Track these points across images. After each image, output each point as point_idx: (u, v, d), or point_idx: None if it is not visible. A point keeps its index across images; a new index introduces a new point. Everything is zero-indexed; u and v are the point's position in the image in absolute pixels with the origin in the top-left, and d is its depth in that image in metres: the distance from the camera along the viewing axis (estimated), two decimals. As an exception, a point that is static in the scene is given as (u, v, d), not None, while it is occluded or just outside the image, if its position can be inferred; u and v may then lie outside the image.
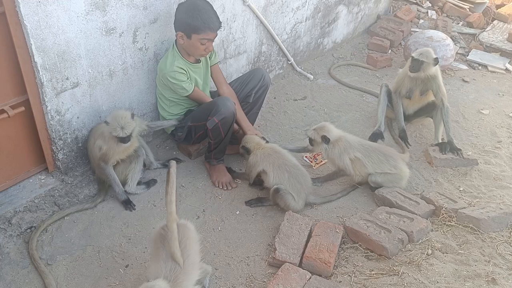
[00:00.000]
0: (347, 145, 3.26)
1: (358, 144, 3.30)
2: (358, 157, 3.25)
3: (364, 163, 3.26)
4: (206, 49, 3.14)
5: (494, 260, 2.71)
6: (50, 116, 2.86)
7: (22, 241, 2.79)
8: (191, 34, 3.04)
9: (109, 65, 3.04)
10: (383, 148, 3.41)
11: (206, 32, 3.03)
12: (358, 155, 3.25)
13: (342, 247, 2.90)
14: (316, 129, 3.28)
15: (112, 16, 2.90)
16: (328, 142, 3.24)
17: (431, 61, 3.74)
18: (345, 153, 3.25)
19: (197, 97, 3.29)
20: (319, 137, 3.25)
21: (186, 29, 3.05)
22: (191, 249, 2.27)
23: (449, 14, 6.28)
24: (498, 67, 5.31)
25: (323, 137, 3.23)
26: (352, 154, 3.25)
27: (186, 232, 2.32)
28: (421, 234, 2.90)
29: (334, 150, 3.26)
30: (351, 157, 3.25)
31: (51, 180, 3.07)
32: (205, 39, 3.06)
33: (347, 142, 3.27)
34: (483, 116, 4.42)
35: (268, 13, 4.17)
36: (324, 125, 3.32)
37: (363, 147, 3.30)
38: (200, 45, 3.09)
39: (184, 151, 3.60)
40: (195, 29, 3.01)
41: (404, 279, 2.58)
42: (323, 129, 3.27)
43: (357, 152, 3.26)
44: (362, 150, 3.27)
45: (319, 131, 3.26)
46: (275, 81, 4.60)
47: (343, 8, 5.12)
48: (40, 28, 2.56)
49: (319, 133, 3.25)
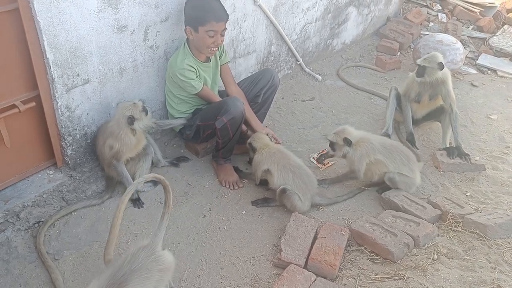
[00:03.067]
0: (369, 147, 3.24)
1: (380, 145, 3.28)
2: (380, 159, 3.24)
3: (386, 163, 3.24)
4: (215, 42, 3.11)
5: (500, 267, 2.70)
6: (60, 112, 2.88)
7: (30, 236, 2.81)
8: (197, 27, 3.04)
9: (119, 62, 3.05)
10: (406, 150, 3.38)
11: (211, 23, 3.01)
12: (380, 157, 3.24)
13: (347, 249, 2.90)
14: (337, 133, 3.28)
15: (124, 14, 2.91)
16: (350, 144, 3.24)
17: (434, 65, 3.73)
18: (366, 156, 3.24)
19: (206, 95, 3.29)
20: (341, 140, 3.25)
21: (192, 23, 3.06)
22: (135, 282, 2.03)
23: (459, 17, 6.25)
24: (508, 72, 5.28)
25: (345, 139, 3.23)
26: (372, 157, 3.24)
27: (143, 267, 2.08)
28: (427, 239, 2.89)
29: (356, 152, 3.26)
30: (371, 160, 3.24)
31: (60, 175, 3.09)
32: (211, 31, 3.04)
33: (369, 144, 3.25)
34: (492, 121, 4.40)
35: (278, 13, 4.17)
36: (344, 128, 3.32)
37: (386, 148, 3.27)
38: (207, 38, 3.07)
39: (191, 149, 3.61)
40: (200, 21, 3.01)
41: (409, 284, 2.58)
42: (344, 132, 3.27)
43: (378, 154, 3.24)
44: (384, 152, 3.25)
45: (340, 134, 3.26)
46: (283, 81, 4.60)
47: (353, 9, 5.11)
48: (52, 24, 2.58)
49: (341, 136, 3.25)
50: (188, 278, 2.68)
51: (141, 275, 2.05)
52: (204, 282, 2.67)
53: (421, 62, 3.79)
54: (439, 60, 3.73)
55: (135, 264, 2.07)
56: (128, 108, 2.98)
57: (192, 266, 2.76)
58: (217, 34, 3.08)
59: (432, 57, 3.78)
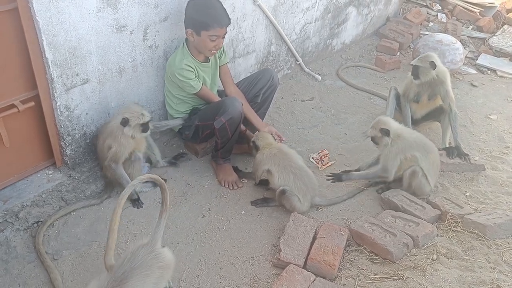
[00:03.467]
0: (406, 144, 3.19)
1: (414, 140, 3.23)
2: (416, 156, 3.20)
3: (419, 161, 3.20)
4: (216, 46, 3.13)
5: (499, 267, 2.70)
6: (59, 111, 2.88)
7: (28, 235, 2.81)
8: (200, 31, 3.05)
9: (119, 62, 3.05)
10: (438, 153, 3.36)
11: (215, 28, 3.03)
12: (417, 154, 3.20)
13: (347, 249, 2.90)
14: (373, 126, 3.25)
15: (123, 14, 2.91)
16: (388, 133, 3.18)
17: (426, 64, 3.71)
18: (401, 153, 3.19)
19: (205, 95, 3.29)
20: (378, 132, 3.21)
21: (195, 26, 3.05)
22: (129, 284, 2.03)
23: (459, 17, 6.25)
24: (507, 72, 5.28)
25: (381, 130, 3.19)
26: (408, 154, 3.20)
27: (143, 264, 2.09)
28: (427, 239, 2.89)
29: (393, 148, 3.20)
30: (407, 156, 3.19)
31: (59, 175, 3.09)
32: (214, 36, 3.06)
33: (406, 140, 3.20)
34: (491, 121, 4.40)
35: (278, 13, 4.16)
36: (379, 119, 3.29)
37: (418, 144, 3.24)
38: (209, 42, 3.09)
39: (191, 149, 3.61)
40: (204, 25, 3.02)
41: (409, 284, 2.58)
42: (379, 122, 3.23)
43: (415, 151, 3.20)
44: (421, 150, 3.22)
45: (375, 126, 3.22)
46: (283, 81, 4.60)
47: (353, 9, 5.10)
48: (52, 24, 2.58)
49: (376, 128, 3.21)
50: (187, 278, 2.68)
51: (141, 272, 2.06)
52: (203, 282, 2.67)
53: (414, 62, 3.81)
54: (430, 59, 3.71)
55: (135, 261, 2.08)
56: (131, 112, 2.94)
57: (191, 266, 2.76)
58: (219, 38, 3.09)
59: (425, 57, 3.78)
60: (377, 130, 3.22)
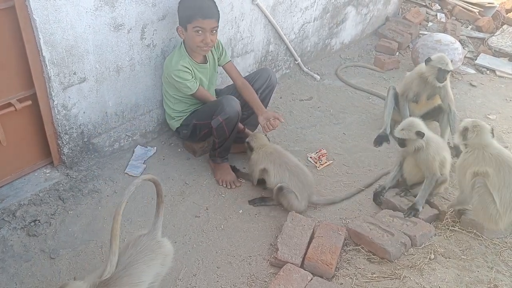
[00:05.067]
0: (438, 146, 3.14)
1: (442, 144, 3.24)
2: (446, 158, 3.16)
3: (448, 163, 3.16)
4: (204, 41, 3.05)
5: (497, 266, 2.70)
6: (56, 110, 2.87)
7: (25, 234, 2.80)
8: (186, 26, 3.03)
9: (116, 61, 3.05)
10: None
11: (197, 20, 2.97)
12: (446, 155, 3.17)
13: (344, 249, 2.90)
14: (406, 128, 3.10)
15: (121, 12, 2.91)
16: (423, 136, 3.07)
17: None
18: (437, 154, 3.11)
19: (202, 96, 3.28)
20: (413, 134, 3.08)
21: (182, 22, 3.05)
22: (135, 267, 2.10)
23: (458, 17, 6.25)
24: (507, 72, 5.28)
25: (417, 132, 3.07)
26: (442, 154, 3.14)
27: (147, 249, 2.16)
28: (424, 238, 2.89)
29: (429, 150, 3.09)
30: (441, 158, 3.13)
31: (56, 174, 3.09)
32: (198, 27, 3.00)
33: (436, 142, 3.15)
34: (490, 121, 4.39)
35: (277, 13, 4.16)
36: (413, 121, 3.15)
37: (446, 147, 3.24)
38: (195, 36, 3.02)
39: (189, 148, 3.61)
40: (188, 18, 3.00)
41: (406, 283, 2.57)
42: (414, 125, 3.10)
43: (445, 152, 3.17)
44: (447, 151, 3.21)
45: (411, 128, 3.09)
46: (281, 81, 4.59)
47: (352, 9, 5.10)
48: (49, 22, 2.57)
49: (412, 130, 3.08)
50: (184, 277, 2.68)
51: (147, 255, 2.14)
52: (200, 281, 2.66)
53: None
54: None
55: (139, 246, 2.15)
56: None
57: (189, 265, 2.75)
58: (205, 31, 3.03)
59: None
60: (413, 132, 3.08)
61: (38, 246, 2.75)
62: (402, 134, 3.12)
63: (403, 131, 3.13)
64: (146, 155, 3.46)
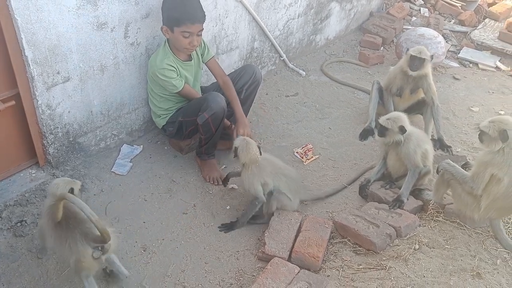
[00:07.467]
0: (418, 139, 3.20)
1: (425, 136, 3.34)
2: (428, 150, 3.24)
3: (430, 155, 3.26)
4: (191, 43, 3.09)
5: (479, 255, 2.75)
6: (41, 110, 2.86)
7: (12, 235, 2.79)
8: (173, 27, 3.04)
9: (100, 59, 3.04)
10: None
11: (186, 25, 3.00)
12: (428, 147, 3.24)
13: (331, 242, 2.93)
14: (392, 119, 3.17)
15: (104, 11, 2.90)
16: (404, 133, 3.13)
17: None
18: (418, 147, 3.17)
19: (187, 94, 3.29)
20: (396, 127, 3.13)
21: (168, 23, 3.05)
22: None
23: (441, 12, 6.32)
24: (489, 65, 5.35)
25: (400, 127, 3.13)
26: (423, 147, 3.20)
27: None
28: (409, 229, 2.93)
29: (409, 144, 3.16)
30: (423, 150, 3.20)
31: (42, 174, 3.08)
32: (186, 32, 3.02)
33: (417, 136, 3.22)
34: (473, 114, 4.46)
35: (261, 9, 4.18)
36: (399, 115, 3.22)
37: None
38: (183, 39, 3.05)
39: (175, 146, 3.61)
40: (175, 21, 3.01)
41: (391, 273, 2.61)
42: (399, 119, 3.17)
43: (426, 144, 3.25)
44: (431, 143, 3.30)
45: (396, 121, 3.15)
46: (267, 77, 4.61)
47: (336, 5, 5.14)
48: (31, 22, 2.56)
49: (397, 123, 3.14)
50: (172, 273, 2.69)
51: None
52: (188, 277, 2.68)
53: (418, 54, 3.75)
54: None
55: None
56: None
57: (177, 262, 2.77)
58: (192, 35, 3.06)
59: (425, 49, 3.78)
60: (397, 125, 3.13)
61: (25, 246, 2.75)
62: (387, 123, 3.18)
63: (388, 121, 3.18)
64: (132, 153, 3.46)
